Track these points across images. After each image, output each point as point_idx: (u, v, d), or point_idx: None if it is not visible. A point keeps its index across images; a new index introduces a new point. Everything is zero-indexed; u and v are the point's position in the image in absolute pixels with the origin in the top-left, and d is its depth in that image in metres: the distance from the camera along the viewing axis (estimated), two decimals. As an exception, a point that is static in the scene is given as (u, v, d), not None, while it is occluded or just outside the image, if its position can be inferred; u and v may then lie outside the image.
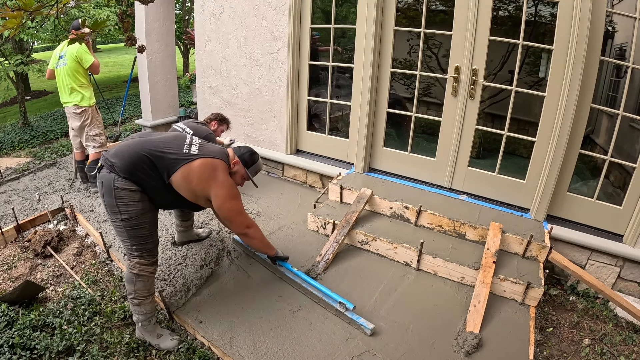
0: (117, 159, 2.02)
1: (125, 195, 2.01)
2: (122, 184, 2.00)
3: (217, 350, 2.12)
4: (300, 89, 3.84)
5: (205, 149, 2.20)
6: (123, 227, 2.05)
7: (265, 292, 2.48)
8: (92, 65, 3.78)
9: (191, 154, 2.13)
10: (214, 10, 4.12)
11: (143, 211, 2.06)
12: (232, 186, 2.22)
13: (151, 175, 2.04)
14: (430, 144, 3.38)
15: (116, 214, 2.03)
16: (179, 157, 2.09)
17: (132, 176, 2.01)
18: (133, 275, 2.09)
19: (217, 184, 2.13)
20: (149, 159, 2.04)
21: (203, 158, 2.13)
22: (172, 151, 2.10)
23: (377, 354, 2.05)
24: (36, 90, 10.46)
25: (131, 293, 2.12)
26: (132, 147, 2.08)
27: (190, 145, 2.19)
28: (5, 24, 1.42)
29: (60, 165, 4.84)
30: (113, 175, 2.00)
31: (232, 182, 2.23)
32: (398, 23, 3.21)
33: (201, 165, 2.11)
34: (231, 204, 2.19)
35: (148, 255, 2.12)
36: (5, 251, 2.99)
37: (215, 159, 2.17)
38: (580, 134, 2.71)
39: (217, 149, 2.28)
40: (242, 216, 2.30)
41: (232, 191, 2.19)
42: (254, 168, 2.40)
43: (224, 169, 2.20)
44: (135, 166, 2.01)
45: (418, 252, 2.64)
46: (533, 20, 3.02)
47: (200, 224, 3.25)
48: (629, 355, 2.24)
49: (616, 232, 2.77)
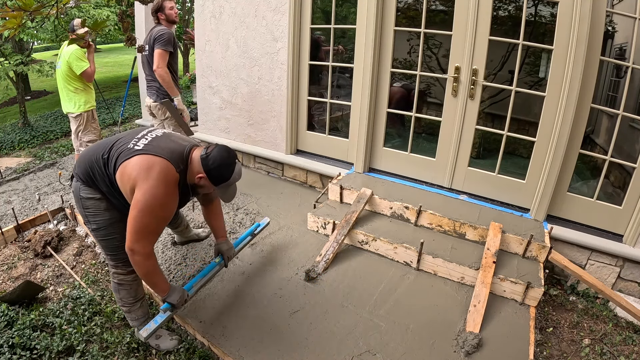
0: (77, 166, 1.93)
1: (91, 204, 1.89)
2: (86, 193, 1.89)
3: (217, 350, 2.12)
4: (300, 89, 3.84)
5: (154, 144, 1.82)
6: (96, 237, 1.98)
7: (265, 292, 2.48)
8: (84, 72, 3.67)
9: (134, 149, 1.78)
10: (214, 10, 4.12)
11: (111, 221, 1.91)
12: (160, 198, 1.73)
13: (104, 177, 1.85)
14: (430, 144, 3.38)
15: (87, 224, 1.96)
16: (123, 151, 1.80)
17: (91, 182, 1.87)
18: (115, 285, 2.06)
19: (143, 187, 1.70)
20: (100, 159, 1.85)
21: (142, 155, 1.76)
22: (120, 145, 1.84)
23: (377, 354, 2.05)
24: (36, 90, 10.47)
25: (119, 301, 2.11)
26: (89, 151, 1.94)
27: (140, 139, 1.85)
28: (5, 24, 1.42)
29: (60, 165, 4.84)
30: (79, 184, 1.91)
31: (164, 194, 1.74)
32: (398, 23, 3.21)
33: (137, 162, 1.74)
34: (142, 218, 1.72)
35: (124, 265, 1.99)
36: (5, 251, 2.99)
37: (156, 156, 1.76)
38: (580, 134, 2.71)
39: (171, 146, 1.84)
40: (140, 238, 1.75)
41: (153, 205, 1.71)
42: (224, 186, 1.88)
43: (163, 171, 1.74)
44: (91, 169, 1.86)
45: (418, 252, 2.64)
46: (533, 20, 3.02)
47: (200, 224, 3.25)
48: (629, 355, 2.24)
49: (616, 232, 2.77)
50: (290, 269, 2.70)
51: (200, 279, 2.29)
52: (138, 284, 2.12)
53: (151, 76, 3.41)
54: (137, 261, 1.79)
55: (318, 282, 2.58)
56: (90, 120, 3.85)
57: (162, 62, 3.26)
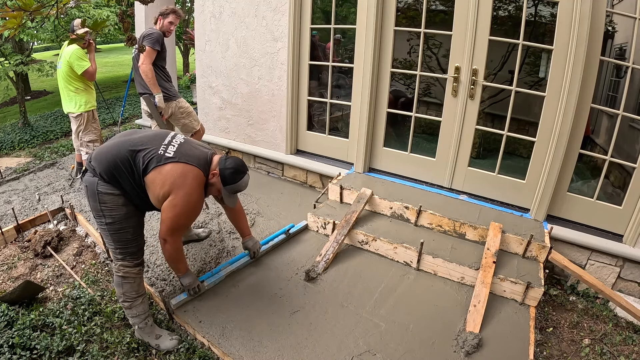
0: (96, 163, 1.98)
1: (109, 199, 1.97)
2: (105, 188, 1.96)
3: (217, 350, 2.12)
4: (300, 89, 3.84)
5: (182, 152, 2.02)
6: (107, 230, 2.02)
7: (265, 292, 2.48)
8: (85, 72, 3.67)
9: (165, 156, 1.98)
10: (214, 10, 4.12)
11: (127, 215, 2.02)
12: (194, 203, 2.01)
13: (129, 176, 1.97)
14: (430, 144, 3.38)
15: (101, 217, 2.01)
16: (154, 157, 1.96)
17: (113, 179, 1.96)
18: (119, 278, 2.08)
19: (179, 193, 1.94)
20: (127, 159, 1.96)
21: (176, 163, 1.97)
22: (149, 150, 1.98)
23: (377, 354, 2.05)
24: (36, 90, 10.47)
25: (120, 296, 2.11)
26: (111, 149, 2.01)
27: (167, 146, 2.02)
28: (5, 24, 1.42)
29: (60, 165, 4.84)
30: (96, 180, 1.96)
31: (198, 198, 2.03)
32: (398, 23, 3.21)
33: (171, 170, 1.95)
34: (179, 219, 2.00)
35: (131, 258, 2.07)
36: (5, 251, 2.99)
37: (189, 164, 1.99)
38: (580, 134, 2.71)
39: (196, 153, 2.08)
40: (174, 233, 2.05)
41: (189, 209, 2.00)
42: (230, 188, 2.13)
43: (196, 178, 2.01)
44: (115, 168, 1.95)
45: (418, 252, 2.64)
46: (533, 20, 3.02)
47: (200, 224, 3.25)
48: (629, 355, 2.24)
49: (616, 232, 2.78)
50: (290, 269, 2.70)
51: (225, 267, 2.63)
52: (141, 279, 2.16)
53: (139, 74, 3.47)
54: (167, 249, 2.09)
55: (318, 282, 2.58)
56: (90, 120, 3.86)
57: (148, 59, 3.35)
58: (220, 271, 2.59)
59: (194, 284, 2.33)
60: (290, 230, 3.05)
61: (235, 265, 2.66)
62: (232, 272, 2.62)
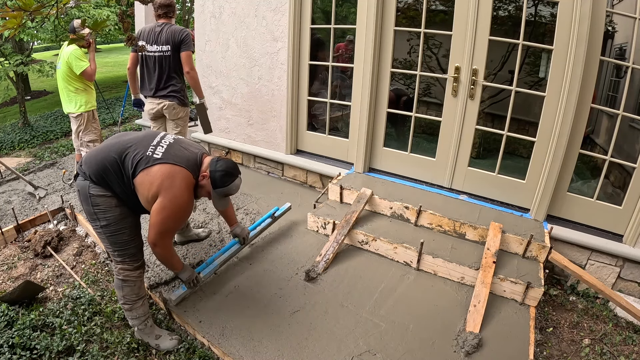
0: (86, 167, 1.97)
1: (102, 202, 1.95)
2: (96, 191, 1.95)
3: (217, 350, 2.12)
4: (300, 88, 3.84)
5: (171, 152, 1.98)
6: (103, 233, 2.01)
7: (265, 292, 2.48)
8: (84, 72, 3.66)
9: (153, 157, 1.94)
10: (214, 10, 4.12)
11: (122, 216, 2.00)
12: (183, 205, 1.95)
13: (118, 179, 1.95)
14: (430, 144, 3.38)
15: (95, 221, 1.99)
16: (142, 158, 1.93)
17: (103, 182, 1.95)
18: (120, 282, 2.07)
19: (167, 196, 1.89)
20: (115, 162, 1.94)
21: (163, 164, 1.92)
22: (137, 151, 1.95)
23: (377, 354, 2.05)
24: (36, 90, 10.47)
25: (121, 299, 2.11)
26: (100, 152, 2.00)
27: (156, 147, 1.98)
28: (5, 24, 1.42)
29: (60, 165, 4.85)
30: (87, 183, 1.96)
31: (186, 201, 1.96)
32: (398, 23, 3.21)
33: (159, 171, 1.91)
34: (167, 222, 1.94)
35: (131, 261, 2.05)
36: (5, 251, 2.99)
37: (177, 166, 1.94)
38: (580, 134, 2.71)
39: (186, 154, 2.02)
40: (163, 236, 1.99)
41: (177, 211, 1.94)
42: (221, 191, 2.06)
43: (185, 180, 1.95)
44: (104, 171, 1.94)
45: (418, 252, 2.64)
46: (533, 20, 3.02)
47: (200, 224, 3.25)
48: (629, 355, 2.24)
49: (616, 232, 2.77)
50: (290, 269, 2.70)
51: (218, 256, 2.63)
52: (141, 282, 2.15)
53: (173, 77, 3.33)
54: (158, 252, 2.04)
55: (318, 282, 2.58)
56: (90, 120, 3.86)
57: (193, 63, 3.37)
58: (214, 261, 2.60)
59: (193, 277, 2.32)
60: (276, 214, 3.10)
61: (227, 253, 2.67)
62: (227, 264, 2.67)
